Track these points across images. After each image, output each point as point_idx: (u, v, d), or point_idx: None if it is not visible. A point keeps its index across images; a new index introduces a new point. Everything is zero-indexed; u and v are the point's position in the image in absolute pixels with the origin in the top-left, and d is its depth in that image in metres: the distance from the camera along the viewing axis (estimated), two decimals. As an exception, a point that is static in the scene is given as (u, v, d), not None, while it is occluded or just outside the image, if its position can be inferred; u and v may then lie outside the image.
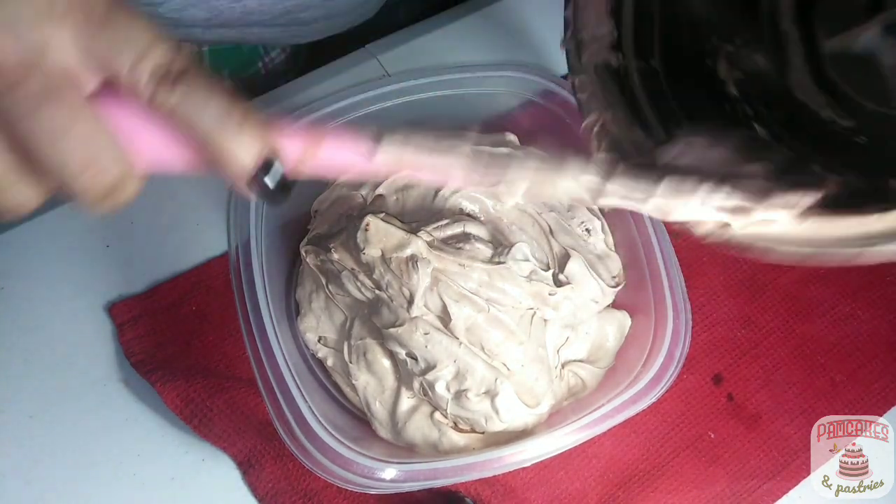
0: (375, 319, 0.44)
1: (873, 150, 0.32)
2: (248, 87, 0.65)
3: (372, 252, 0.42)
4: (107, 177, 0.24)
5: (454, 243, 0.44)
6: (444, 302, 0.42)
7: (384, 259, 0.42)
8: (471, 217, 0.46)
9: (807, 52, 0.34)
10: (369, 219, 0.42)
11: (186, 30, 0.58)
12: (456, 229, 0.45)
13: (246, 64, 0.65)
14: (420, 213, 0.47)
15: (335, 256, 0.45)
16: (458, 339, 0.42)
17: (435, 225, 0.44)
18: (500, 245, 0.44)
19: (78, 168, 0.23)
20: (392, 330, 0.43)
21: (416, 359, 0.43)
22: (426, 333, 0.42)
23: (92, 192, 0.24)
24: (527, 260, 0.44)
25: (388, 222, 0.43)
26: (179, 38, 0.60)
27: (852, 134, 0.33)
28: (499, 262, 0.43)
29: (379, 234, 0.42)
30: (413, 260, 0.42)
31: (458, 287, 0.42)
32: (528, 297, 0.43)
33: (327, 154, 0.26)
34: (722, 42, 0.35)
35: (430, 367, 0.42)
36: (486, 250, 0.44)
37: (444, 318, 0.42)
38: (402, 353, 0.43)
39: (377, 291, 0.43)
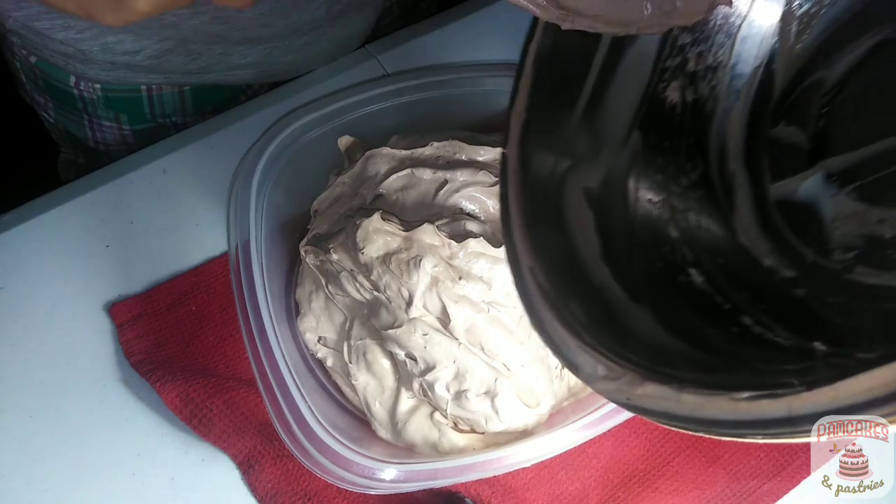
0: (374, 321, 0.44)
1: (810, 306, 0.30)
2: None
3: (371, 252, 0.42)
4: None
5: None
6: (443, 303, 0.42)
7: (383, 260, 0.42)
8: (471, 217, 0.46)
9: (754, 195, 0.33)
10: (366, 220, 0.42)
11: (167, 76, 0.58)
12: (456, 227, 0.45)
13: (228, 99, 0.65)
14: (420, 212, 0.47)
15: (334, 257, 0.45)
16: (457, 339, 0.42)
17: (436, 223, 0.44)
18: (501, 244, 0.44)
19: None
20: (391, 331, 0.42)
21: (415, 360, 0.43)
22: (425, 334, 0.42)
23: None
24: None
25: (387, 219, 0.43)
26: (159, 83, 0.60)
27: (791, 286, 0.31)
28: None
29: (377, 234, 0.42)
30: (415, 259, 0.41)
31: (457, 287, 0.42)
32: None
33: None
34: (668, 189, 0.33)
35: (429, 368, 0.42)
36: (487, 249, 0.43)
37: (444, 319, 0.42)
38: (401, 354, 0.43)
39: (375, 293, 0.43)
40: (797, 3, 0.32)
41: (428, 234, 0.42)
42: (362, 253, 0.42)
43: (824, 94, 0.31)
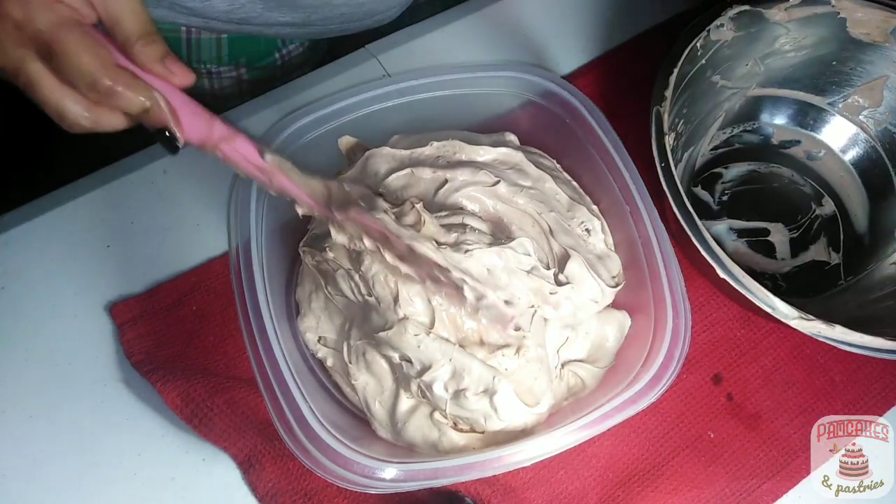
0: (367, 326, 0.44)
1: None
2: (262, 77, 0.66)
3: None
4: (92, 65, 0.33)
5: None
6: (432, 307, 0.42)
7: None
8: (471, 214, 0.46)
9: None
10: None
11: (206, 20, 0.59)
12: (454, 220, 0.45)
13: (263, 54, 0.66)
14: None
15: (330, 255, 0.45)
16: (451, 340, 0.42)
17: (435, 215, 0.44)
18: (500, 240, 0.44)
19: (79, 52, 0.32)
20: (382, 334, 0.42)
21: (410, 361, 0.43)
22: (416, 334, 0.42)
23: (85, 78, 0.33)
24: (528, 255, 0.43)
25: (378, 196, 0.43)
26: (199, 27, 0.61)
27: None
28: (502, 244, 0.43)
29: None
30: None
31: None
32: (529, 293, 0.43)
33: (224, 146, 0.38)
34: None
35: (425, 368, 0.42)
36: (485, 238, 0.44)
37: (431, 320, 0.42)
38: (395, 356, 0.43)
39: (367, 297, 0.43)
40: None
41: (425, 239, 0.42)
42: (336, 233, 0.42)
43: (723, 182, 0.61)
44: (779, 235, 0.60)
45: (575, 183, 0.52)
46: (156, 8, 0.57)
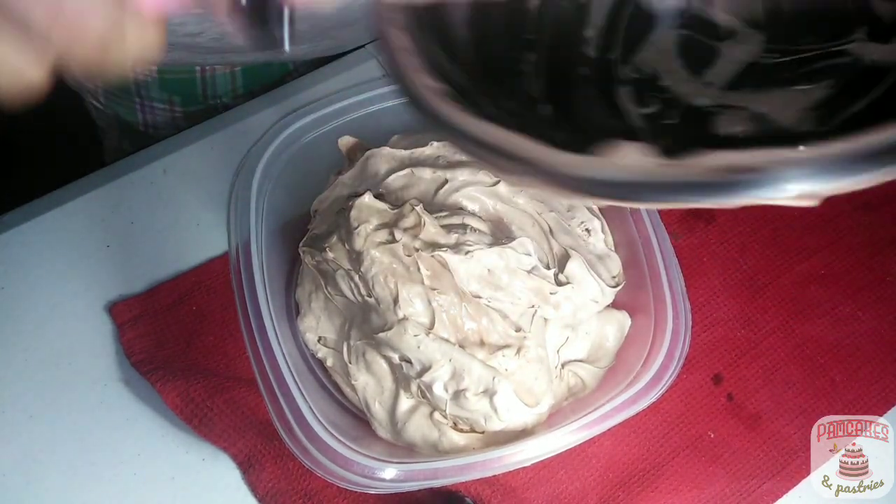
0: (366, 327, 0.44)
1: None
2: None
3: (364, 231, 0.42)
4: (86, 28, 0.19)
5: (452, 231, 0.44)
6: (432, 308, 0.42)
7: (376, 245, 0.42)
8: (471, 214, 0.46)
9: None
10: (358, 199, 0.43)
11: (223, 55, 0.58)
12: (455, 220, 0.45)
13: (277, 81, 0.66)
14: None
15: (330, 255, 0.45)
16: (450, 340, 0.42)
17: (435, 216, 0.44)
18: (500, 240, 0.44)
19: (44, 19, 0.18)
20: (382, 335, 0.42)
21: (410, 362, 0.43)
22: (416, 335, 0.42)
23: (74, 50, 0.19)
24: (528, 255, 0.44)
25: (378, 198, 0.43)
26: (214, 63, 0.61)
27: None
28: (503, 244, 0.43)
29: (369, 211, 0.43)
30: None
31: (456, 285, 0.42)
32: (530, 293, 0.43)
33: None
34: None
35: (425, 369, 0.42)
36: (485, 238, 0.44)
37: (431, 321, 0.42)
38: (395, 357, 0.43)
39: (367, 298, 0.43)
40: None
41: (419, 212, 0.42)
42: (357, 234, 0.42)
43: None
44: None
45: (575, 183, 0.52)
46: (170, 52, 0.57)
